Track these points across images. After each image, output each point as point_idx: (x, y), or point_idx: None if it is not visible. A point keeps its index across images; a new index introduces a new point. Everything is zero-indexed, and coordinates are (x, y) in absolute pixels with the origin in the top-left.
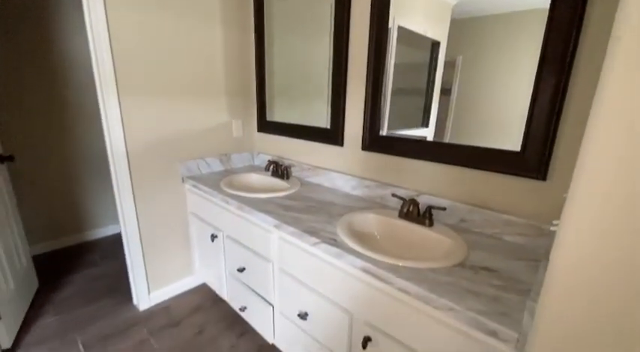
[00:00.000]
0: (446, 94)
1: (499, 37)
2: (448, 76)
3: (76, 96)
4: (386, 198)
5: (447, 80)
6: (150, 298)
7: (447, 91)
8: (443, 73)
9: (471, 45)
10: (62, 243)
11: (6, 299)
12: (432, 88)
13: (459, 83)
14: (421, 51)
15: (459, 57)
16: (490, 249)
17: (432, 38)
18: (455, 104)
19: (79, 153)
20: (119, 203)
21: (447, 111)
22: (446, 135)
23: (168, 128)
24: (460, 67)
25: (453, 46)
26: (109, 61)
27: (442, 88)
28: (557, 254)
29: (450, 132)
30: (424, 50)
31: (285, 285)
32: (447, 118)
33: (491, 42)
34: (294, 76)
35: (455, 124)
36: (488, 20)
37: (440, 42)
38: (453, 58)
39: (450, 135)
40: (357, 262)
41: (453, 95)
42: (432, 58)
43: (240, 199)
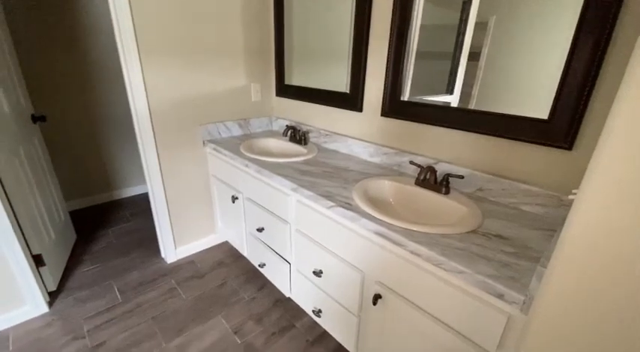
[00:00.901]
0: (474, 59)
1: None
2: (478, 39)
3: (102, 58)
4: (403, 166)
5: (477, 43)
6: (176, 253)
7: (475, 55)
8: (473, 35)
9: (505, 3)
10: (95, 200)
11: (49, 248)
12: (459, 52)
13: (489, 47)
14: (451, 10)
15: (491, 17)
16: (506, 217)
17: None
18: (483, 70)
19: (108, 115)
20: (145, 163)
21: (475, 77)
22: (471, 102)
23: (189, 90)
24: (492, 28)
25: (486, 5)
26: (128, 21)
27: (471, 51)
28: (572, 223)
29: (475, 99)
30: (454, 9)
31: (302, 245)
32: (474, 85)
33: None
34: (313, 37)
35: (482, 91)
36: None
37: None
38: (485, 18)
39: (476, 102)
40: (370, 225)
41: (482, 60)
42: (461, 18)
43: (259, 163)
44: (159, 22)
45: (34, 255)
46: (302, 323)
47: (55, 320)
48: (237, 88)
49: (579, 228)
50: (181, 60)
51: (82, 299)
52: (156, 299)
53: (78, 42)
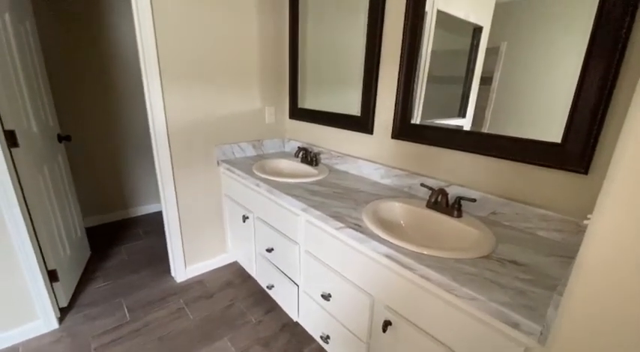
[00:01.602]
0: (486, 83)
1: (548, 22)
2: (490, 64)
3: (125, 81)
4: (414, 188)
5: (489, 68)
6: (186, 272)
7: (487, 80)
8: (484, 60)
9: (517, 30)
10: (111, 217)
11: (63, 264)
12: (471, 76)
13: (501, 71)
14: (461, 36)
15: (503, 43)
16: (521, 243)
17: (474, 23)
18: (496, 93)
19: (128, 135)
20: (160, 182)
21: (487, 101)
22: (485, 125)
23: (206, 113)
24: (504, 53)
25: (496, 31)
26: (152, 47)
27: (482, 76)
28: (587, 247)
29: (489, 122)
30: (465, 36)
31: (310, 267)
32: (486, 108)
33: (539, 27)
34: (326, 63)
35: (495, 114)
36: (536, 3)
37: (482, 27)
38: (496, 44)
39: (490, 125)
40: (380, 248)
41: (495, 84)
42: (472, 44)
43: (270, 183)
44: (180, 49)
45: (50, 270)
46: (310, 350)
47: (64, 336)
48: (252, 110)
49: (594, 255)
50: (200, 84)
51: (91, 317)
52: (163, 319)
53: (105, 67)
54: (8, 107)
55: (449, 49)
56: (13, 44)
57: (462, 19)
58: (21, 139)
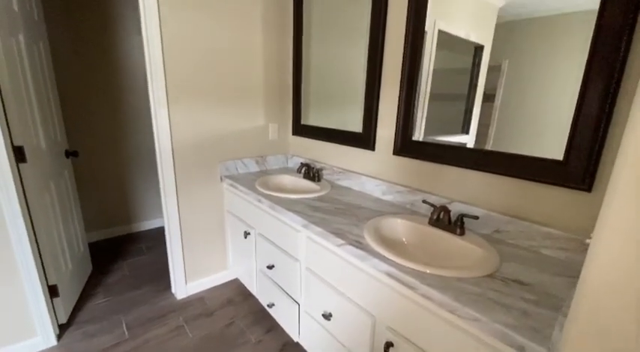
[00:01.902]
0: (489, 100)
1: (548, 40)
2: (492, 81)
3: (132, 99)
4: (417, 205)
5: (491, 85)
6: (187, 288)
7: (490, 97)
8: (486, 77)
9: (518, 48)
10: (114, 232)
11: (65, 279)
12: (473, 94)
13: (504, 88)
14: (463, 55)
15: (504, 61)
16: (525, 261)
17: (475, 42)
18: (499, 110)
19: (133, 151)
20: (164, 198)
21: (490, 118)
22: (488, 142)
23: (211, 130)
24: (506, 71)
25: (498, 50)
26: (160, 65)
27: (485, 93)
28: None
29: (492, 139)
30: (466, 54)
31: (311, 285)
32: (490, 125)
33: (539, 45)
34: (329, 80)
35: (498, 132)
36: (536, 22)
37: (483, 46)
38: (498, 62)
39: (493, 142)
40: (381, 266)
41: (497, 101)
42: (474, 62)
43: (272, 199)
44: (187, 67)
45: (50, 285)
46: None
47: None
48: (256, 127)
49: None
50: (205, 102)
51: (90, 334)
52: (162, 337)
53: (113, 85)
54: (18, 124)
55: (451, 68)
56: (26, 63)
57: (463, 39)
58: (29, 155)
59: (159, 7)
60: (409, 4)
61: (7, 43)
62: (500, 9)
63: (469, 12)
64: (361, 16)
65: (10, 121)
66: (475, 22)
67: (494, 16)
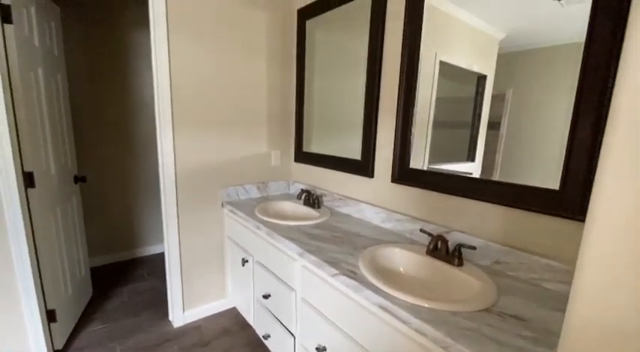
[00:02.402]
0: (494, 128)
1: (549, 70)
2: (497, 110)
3: (141, 128)
4: (416, 233)
5: (496, 114)
6: (184, 316)
7: (495, 125)
8: (490, 106)
9: (521, 78)
10: (116, 257)
11: (64, 304)
12: (478, 122)
13: (509, 117)
14: (466, 84)
15: (508, 90)
16: (525, 295)
17: (477, 72)
18: (505, 138)
19: (139, 177)
20: (165, 223)
21: (497, 146)
22: (495, 169)
23: (214, 156)
24: (510, 100)
25: (501, 80)
26: (167, 94)
27: (490, 121)
28: (573, 305)
29: (499, 167)
30: (469, 84)
31: (306, 316)
32: (496, 152)
33: (541, 75)
34: (330, 109)
35: (505, 159)
36: (537, 53)
37: (486, 75)
38: (502, 91)
39: (500, 170)
40: (374, 298)
41: (503, 129)
42: (477, 91)
43: (270, 225)
44: (193, 96)
45: (49, 310)
46: None
47: None
48: (259, 154)
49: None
50: (210, 129)
51: None
52: None
53: (124, 113)
54: (30, 150)
55: (455, 96)
56: (42, 94)
57: (465, 69)
58: (38, 180)
59: (169, 40)
60: (403, 41)
61: (25, 76)
62: (501, 41)
63: (470, 44)
64: (360, 50)
65: (23, 148)
66: (477, 54)
67: (495, 47)
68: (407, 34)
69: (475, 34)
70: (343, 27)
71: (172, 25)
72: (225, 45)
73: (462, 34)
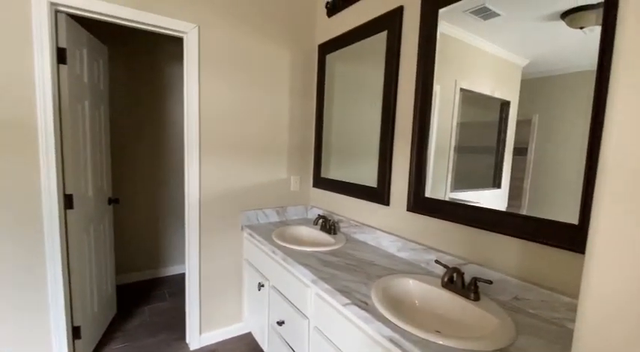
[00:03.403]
0: (521, 154)
1: (575, 96)
2: (523, 135)
3: (169, 155)
4: (432, 264)
5: (522, 139)
6: (200, 339)
7: (522, 151)
8: (516, 132)
9: (547, 103)
10: (139, 276)
11: (89, 321)
12: (502, 148)
13: (536, 142)
14: (489, 110)
15: (534, 115)
16: (546, 335)
17: (500, 98)
18: (533, 164)
19: (166, 200)
20: (187, 244)
21: (524, 172)
22: (523, 197)
23: (236, 182)
24: (537, 125)
25: (526, 105)
26: (195, 123)
27: (516, 147)
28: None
29: (527, 194)
30: (492, 109)
31: (318, 346)
32: (524, 179)
33: (567, 101)
34: (348, 137)
35: (532, 186)
36: (563, 79)
37: (510, 101)
38: (527, 116)
39: (529, 197)
40: (384, 330)
41: (530, 154)
42: (501, 116)
43: (285, 250)
44: (220, 126)
45: (75, 326)
46: None
47: None
48: (278, 179)
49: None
50: (234, 155)
51: None
52: None
53: (156, 140)
54: (72, 175)
55: (477, 121)
56: (87, 124)
57: (487, 95)
58: (76, 202)
59: (199, 76)
60: (417, 71)
61: (73, 108)
62: (524, 67)
63: (491, 71)
64: (376, 80)
65: (66, 173)
66: (499, 80)
67: (518, 74)
68: (421, 65)
69: (496, 62)
70: (360, 58)
71: (203, 63)
72: (251, 79)
73: (482, 61)
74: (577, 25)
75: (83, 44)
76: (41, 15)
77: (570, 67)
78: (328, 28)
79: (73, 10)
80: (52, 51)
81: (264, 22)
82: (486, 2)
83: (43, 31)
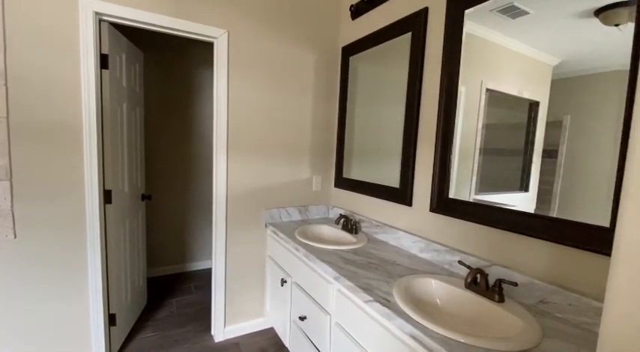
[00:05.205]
0: (551, 156)
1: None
2: (553, 137)
3: (198, 153)
4: (454, 265)
5: (551, 141)
6: (224, 332)
7: (552, 153)
8: (545, 133)
9: (579, 104)
10: (168, 270)
11: (123, 310)
12: (530, 149)
13: (567, 145)
14: (516, 111)
15: (566, 116)
16: (574, 340)
17: (528, 98)
18: (563, 168)
19: (195, 197)
20: (214, 240)
21: (554, 175)
22: (553, 201)
23: (261, 179)
24: (568, 127)
25: (556, 106)
26: (224, 124)
27: (545, 149)
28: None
29: (557, 198)
30: (520, 110)
31: (340, 342)
32: (554, 183)
33: (601, 101)
34: (370, 137)
35: (563, 189)
36: (597, 78)
37: (539, 102)
38: (558, 117)
39: (559, 202)
40: (406, 327)
41: (561, 157)
42: (530, 117)
43: (308, 248)
44: (247, 127)
45: (110, 314)
46: None
47: None
48: (301, 179)
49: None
50: (259, 154)
51: None
52: None
53: (186, 140)
54: (111, 172)
55: (505, 122)
56: (124, 125)
57: (514, 96)
58: (114, 198)
59: (228, 79)
60: (442, 71)
61: (113, 110)
62: (555, 67)
63: (519, 71)
64: (400, 81)
65: (106, 170)
66: (527, 80)
67: (548, 73)
68: (445, 66)
69: (524, 61)
70: (383, 59)
71: (232, 66)
72: (276, 81)
73: (510, 61)
74: (612, 23)
75: (122, 50)
76: (87, 24)
77: (605, 66)
78: (352, 30)
79: (115, 19)
80: (96, 57)
81: (290, 26)
82: (515, 1)
83: (89, 39)
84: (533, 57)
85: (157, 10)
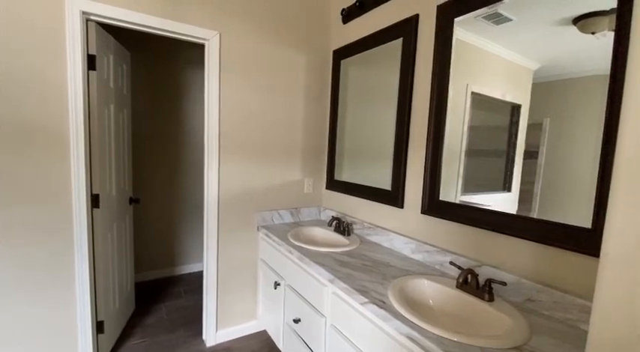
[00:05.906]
0: (532, 157)
1: (586, 100)
2: (533, 139)
3: (188, 156)
4: (446, 266)
5: (532, 143)
6: (216, 336)
7: (533, 154)
8: (527, 135)
9: (558, 107)
10: (157, 274)
11: (111, 316)
12: (513, 151)
13: (547, 146)
14: (500, 114)
15: (545, 119)
16: (559, 336)
17: (511, 101)
18: (544, 168)
19: (182, 201)
20: (206, 243)
21: (535, 175)
22: (534, 201)
23: (253, 182)
24: (548, 129)
25: (537, 109)
26: (215, 126)
27: (526, 150)
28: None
29: (538, 198)
30: (503, 113)
31: (335, 344)
32: (535, 182)
33: (578, 104)
34: (361, 140)
35: (544, 190)
36: (575, 83)
37: (521, 105)
38: (538, 120)
39: (540, 201)
40: (402, 328)
41: (541, 158)
42: (512, 120)
43: (301, 250)
44: (238, 129)
45: (98, 321)
46: None
47: None
48: (292, 181)
49: None
50: (251, 157)
51: None
52: None
53: (175, 142)
54: (98, 176)
55: (488, 125)
56: (112, 127)
57: (498, 99)
58: (102, 202)
59: (220, 80)
60: (432, 76)
61: (101, 112)
62: (535, 71)
63: (502, 75)
64: (391, 84)
65: (93, 174)
66: (510, 84)
67: (529, 77)
68: (436, 70)
69: (507, 66)
70: (375, 63)
71: (223, 68)
72: (268, 83)
73: (494, 65)
74: (588, 31)
75: (110, 50)
76: (74, 24)
77: (582, 71)
78: (343, 34)
79: (103, 19)
80: (84, 58)
81: (281, 28)
82: (499, 8)
83: (76, 39)
84: (516, 62)
85: (147, 11)
